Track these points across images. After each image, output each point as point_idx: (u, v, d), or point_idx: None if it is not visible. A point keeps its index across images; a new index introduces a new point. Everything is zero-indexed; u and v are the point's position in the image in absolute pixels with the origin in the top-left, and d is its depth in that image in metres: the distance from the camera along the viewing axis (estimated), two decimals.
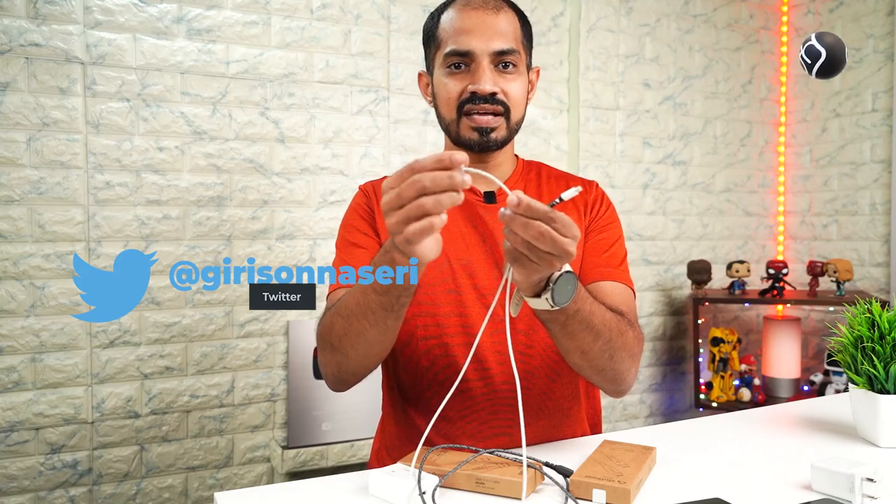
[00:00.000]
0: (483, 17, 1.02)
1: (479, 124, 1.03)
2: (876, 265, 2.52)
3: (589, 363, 0.92)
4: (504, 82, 1.03)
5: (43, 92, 1.70)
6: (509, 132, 1.06)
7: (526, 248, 0.72)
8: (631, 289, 1.08)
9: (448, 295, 1.04)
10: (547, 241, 0.71)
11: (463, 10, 1.03)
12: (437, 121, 1.10)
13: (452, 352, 1.04)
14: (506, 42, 1.02)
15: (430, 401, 1.07)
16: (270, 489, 0.83)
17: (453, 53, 1.02)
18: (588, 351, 0.90)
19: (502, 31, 1.02)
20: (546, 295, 0.79)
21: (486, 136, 1.04)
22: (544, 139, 2.38)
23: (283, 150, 1.97)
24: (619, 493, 0.76)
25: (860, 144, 2.57)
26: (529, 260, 0.73)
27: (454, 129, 1.06)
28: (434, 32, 1.07)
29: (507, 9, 1.05)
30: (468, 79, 1.02)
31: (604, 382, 0.98)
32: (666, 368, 2.64)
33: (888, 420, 0.95)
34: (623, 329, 0.93)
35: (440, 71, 1.05)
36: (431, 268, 1.05)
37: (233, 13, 1.90)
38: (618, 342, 0.92)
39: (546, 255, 0.72)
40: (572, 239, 0.72)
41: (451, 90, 1.03)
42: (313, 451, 1.91)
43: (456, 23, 1.03)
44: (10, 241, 1.68)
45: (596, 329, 0.88)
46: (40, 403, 1.72)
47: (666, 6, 2.58)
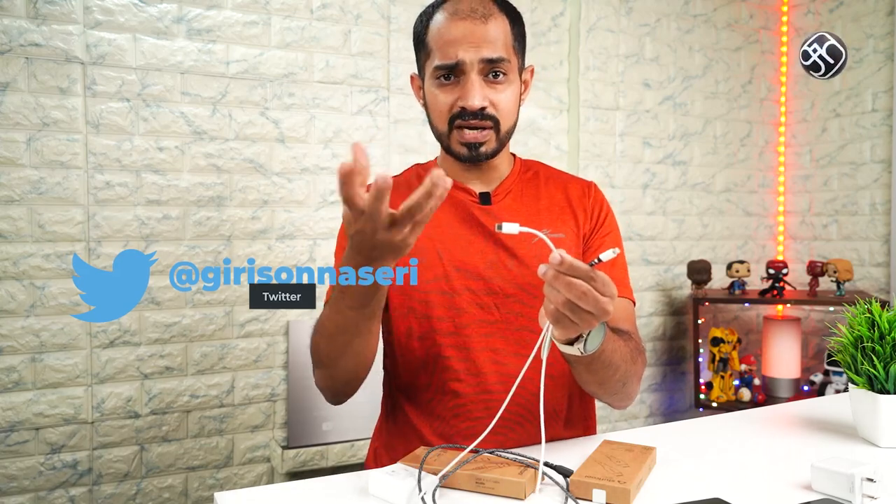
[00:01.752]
0: (471, 27, 1.00)
1: (467, 140, 1.03)
2: (876, 265, 2.52)
3: (604, 391, 0.98)
4: (494, 93, 1.02)
5: (43, 92, 1.70)
6: (499, 143, 1.06)
7: (568, 308, 0.75)
8: (633, 301, 1.10)
9: (442, 296, 1.05)
10: (590, 301, 0.73)
11: (451, 19, 1.01)
12: (430, 129, 1.10)
13: (446, 353, 1.05)
14: (495, 51, 1.01)
15: (426, 400, 1.07)
16: (270, 489, 0.83)
17: (442, 66, 1.01)
18: (605, 382, 0.95)
19: (491, 40, 1.00)
20: (579, 345, 0.83)
21: (475, 150, 1.04)
22: (544, 139, 2.38)
23: (283, 150, 1.97)
24: (619, 493, 0.76)
25: (860, 144, 2.57)
26: (570, 320, 0.76)
27: (445, 142, 1.07)
28: (423, 38, 1.06)
29: (497, 14, 1.03)
30: (457, 91, 1.02)
31: (613, 402, 1.03)
32: (666, 368, 2.64)
33: (888, 420, 0.95)
34: (635, 357, 0.98)
35: (430, 81, 1.05)
36: (425, 268, 1.06)
37: (233, 13, 1.90)
38: (631, 371, 0.97)
39: (585, 313, 0.75)
40: (611, 298, 0.75)
41: (441, 103, 1.03)
42: (313, 451, 1.91)
43: (444, 32, 1.01)
44: (10, 241, 1.68)
45: (615, 365, 0.92)
46: (40, 403, 1.72)
47: (666, 6, 2.58)
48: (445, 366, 1.05)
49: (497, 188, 1.11)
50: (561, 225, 1.10)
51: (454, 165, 1.11)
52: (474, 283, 1.05)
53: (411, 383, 1.09)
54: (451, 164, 1.12)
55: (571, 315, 0.75)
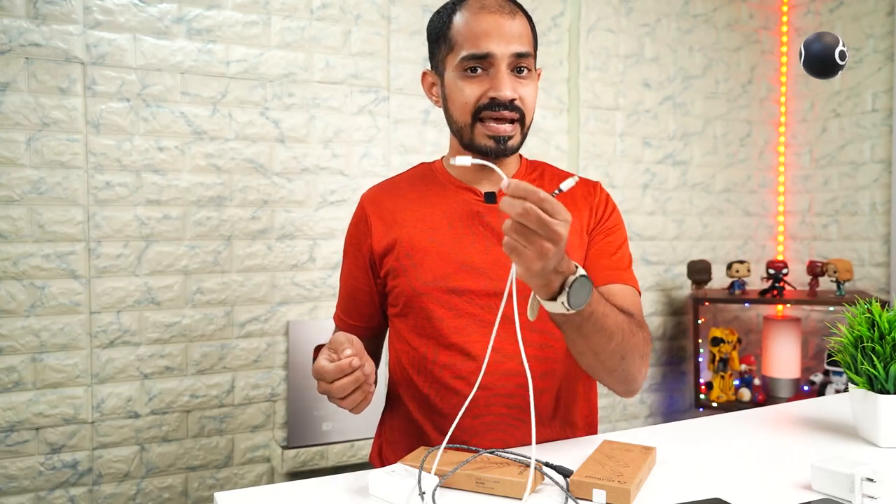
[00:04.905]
0: (500, 21, 1.01)
1: (496, 133, 1.03)
2: (876, 265, 2.52)
3: (601, 364, 0.94)
4: (521, 87, 1.03)
5: (43, 92, 1.70)
6: (522, 138, 1.07)
7: (516, 231, 0.74)
8: (637, 291, 1.10)
9: (443, 295, 1.05)
10: (532, 219, 0.72)
11: (479, 13, 1.02)
12: (448, 123, 1.10)
13: (447, 351, 1.05)
14: (523, 45, 1.02)
15: (427, 398, 1.08)
16: (270, 489, 0.83)
17: (471, 57, 1.01)
18: (601, 352, 0.92)
19: (519, 35, 1.02)
20: (562, 298, 0.80)
21: (502, 144, 1.04)
22: (544, 139, 2.38)
23: (283, 150, 1.97)
24: (619, 493, 0.76)
25: (860, 144, 2.57)
26: (523, 246, 0.74)
27: (468, 135, 1.06)
28: (445, 33, 1.06)
29: (519, 12, 1.05)
30: (487, 83, 1.02)
31: (615, 383, 1.00)
32: (666, 368, 2.64)
33: (888, 420, 0.95)
34: (634, 330, 0.95)
35: (455, 74, 1.04)
36: (427, 269, 1.06)
37: (233, 13, 1.90)
38: (629, 343, 0.94)
39: (535, 237, 0.73)
40: (562, 221, 0.73)
41: (468, 95, 1.03)
42: (313, 451, 1.91)
43: (473, 26, 1.02)
44: (10, 241, 1.68)
45: (609, 331, 0.89)
46: (40, 403, 1.72)
47: (666, 6, 2.58)
48: (446, 364, 1.05)
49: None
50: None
51: (463, 165, 1.11)
52: (476, 282, 1.05)
53: (413, 380, 1.10)
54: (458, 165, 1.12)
55: (523, 241, 0.74)
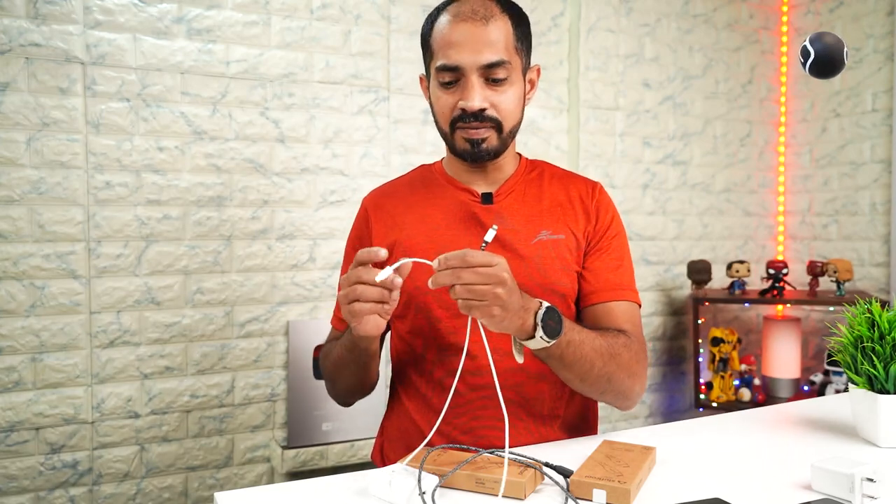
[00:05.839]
0: (472, 30, 1.00)
1: (469, 136, 1.04)
2: (876, 265, 2.52)
3: (590, 388, 1.00)
4: (495, 95, 1.02)
5: (43, 92, 1.70)
6: (501, 142, 1.06)
7: (465, 292, 0.81)
8: (638, 304, 1.11)
9: (440, 296, 1.06)
10: (469, 276, 0.80)
11: (453, 21, 1.02)
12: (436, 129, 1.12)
13: (445, 351, 1.06)
14: (495, 54, 1.00)
15: (426, 398, 1.09)
16: (270, 489, 0.83)
17: (443, 68, 1.02)
18: (586, 378, 0.97)
19: (492, 43, 1.00)
20: (539, 333, 0.87)
21: (477, 147, 1.05)
22: (544, 139, 2.38)
23: (283, 150, 1.97)
24: (619, 493, 0.76)
25: (860, 144, 2.57)
26: (478, 301, 0.82)
27: (449, 143, 1.09)
28: (427, 40, 1.07)
29: (499, 15, 1.02)
30: (458, 94, 1.03)
31: (609, 401, 1.05)
32: (666, 368, 2.64)
33: (888, 420, 0.95)
34: (616, 352, 0.99)
35: (434, 83, 1.06)
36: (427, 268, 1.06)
37: (233, 13, 1.90)
38: (611, 365, 0.98)
39: (482, 289, 0.81)
40: (497, 265, 0.82)
41: (443, 105, 1.05)
42: (313, 451, 1.91)
43: (447, 35, 1.02)
44: (10, 241, 1.68)
45: (589, 358, 0.95)
46: (40, 403, 1.72)
47: (666, 6, 2.58)
48: (444, 364, 1.06)
49: (500, 188, 1.12)
50: (562, 226, 1.10)
51: (459, 166, 1.12)
52: None
53: (412, 380, 1.11)
54: (456, 165, 1.13)
55: (475, 297, 0.81)
